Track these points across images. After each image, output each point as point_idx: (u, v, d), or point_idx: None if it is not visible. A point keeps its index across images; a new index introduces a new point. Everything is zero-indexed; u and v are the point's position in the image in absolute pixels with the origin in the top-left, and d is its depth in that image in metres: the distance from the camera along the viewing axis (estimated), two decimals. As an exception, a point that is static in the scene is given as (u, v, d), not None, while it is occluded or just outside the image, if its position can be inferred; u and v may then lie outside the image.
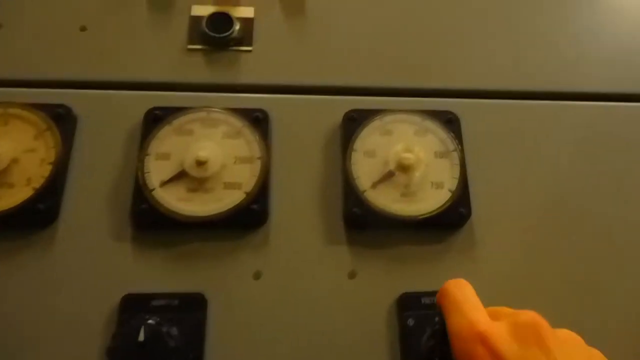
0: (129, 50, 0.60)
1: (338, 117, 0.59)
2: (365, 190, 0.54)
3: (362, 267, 0.53)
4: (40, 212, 0.50)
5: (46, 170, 0.51)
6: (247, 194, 0.53)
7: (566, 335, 0.39)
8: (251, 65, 0.61)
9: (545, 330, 0.36)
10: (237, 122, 0.56)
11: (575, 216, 0.57)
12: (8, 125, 0.53)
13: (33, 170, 0.51)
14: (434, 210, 0.54)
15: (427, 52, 0.64)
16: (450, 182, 0.56)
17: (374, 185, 0.55)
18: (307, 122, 0.59)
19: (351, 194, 0.54)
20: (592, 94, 0.64)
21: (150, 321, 0.44)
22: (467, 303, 0.39)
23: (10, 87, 0.56)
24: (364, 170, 0.55)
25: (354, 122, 0.58)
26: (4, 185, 0.51)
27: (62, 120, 0.54)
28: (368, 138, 0.57)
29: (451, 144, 0.57)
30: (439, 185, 0.56)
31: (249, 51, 0.61)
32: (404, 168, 0.55)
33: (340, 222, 0.55)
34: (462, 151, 0.57)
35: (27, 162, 0.52)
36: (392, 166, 0.56)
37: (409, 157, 0.55)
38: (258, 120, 0.56)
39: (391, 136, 0.58)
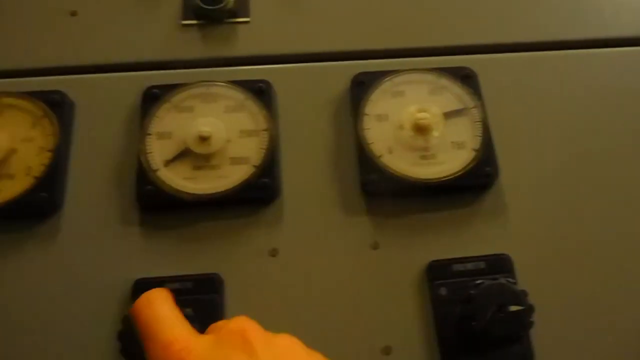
0: (122, 32, 0.57)
1: (345, 83, 0.55)
2: (381, 156, 0.51)
3: (385, 236, 0.50)
4: (43, 201, 0.48)
5: (46, 158, 0.49)
6: (256, 167, 0.50)
7: (284, 340, 0.35)
8: (249, 36, 0.57)
9: (252, 333, 0.34)
10: (238, 95, 0.53)
11: (603, 169, 0.53)
12: (3, 115, 0.51)
13: (33, 160, 0.49)
14: (457, 172, 0.51)
15: (433, 9, 0.60)
16: (472, 141, 0.52)
17: (390, 149, 0.52)
18: (312, 90, 0.55)
19: (367, 161, 0.51)
20: (615, 39, 0.60)
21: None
22: (160, 323, 0.34)
23: (3, 78, 0.54)
24: (378, 135, 0.52)
25: (362, 86, 0.54)
26: (4, 176, 0.49)
27: (59, 107, 0.51)
28: (379, 101, 0.53)
29: (470, 101, 0.54)
30: (460, 145, 0.52)
31: (247, 22, 0.58)
32: (421, 129, 0.52)
33: (357, 191, 0.51)
34: (483, 107, 0.54)
35: (25, 151, 0.50)
36: (407, 128, 0.52)
37: (425, 116, 0.52)
38: (261, 92, 0.53)
39: (403, 97, 0.54)
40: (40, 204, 0.48)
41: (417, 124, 0.52)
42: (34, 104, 0.51)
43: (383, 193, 0.51)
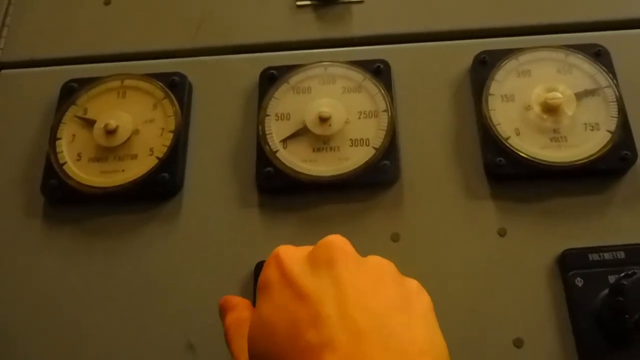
0: (237, 14, 0.57)
1: (465, 62, 0.53)
2: (508, 137, 0.48)
3: (513, 223, 0.47)
4: (165, 182, 0.48)
5: (167, 139, 0.50)
6: (377, 149, 0.48)
7: (373, 262, 0.32)
8: (365, 16, 0.56)
9: (338, 252, 0.31)
10: (357, 76, 0.52)
11: None
12: (126, 97, 0.52)
13: (155, 140, 0.50)
14: (591, 155, 0.47)
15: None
16: (607, 122, 0.48)
17: (517, 130, 0.49)
18: (431, 70, 0.53)
19: (492, 143, 0.48)
20: None
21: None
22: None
23: (124, 61, 0.55)
24: (504, 115, 0.49)
25: (485, 65, 0.51)
26: (128, 156, 0.49)
27: (178, 88, 0.52)
28: (504, 81, 0.51)
29: (604, 79, 0.50)
30: (594, 127, 0.49)
31: (360, 2, 0.57)
32: (551, 110, 0.49)
33: (481, 174, 0.49)
34: (617, 86, 0.49)
35: (147, 132, 0.50)
36: (536, 109, 0.49)
37: (555, 96, 0.49)
38: (379, 72, 0.52)
39: (530, 77, 0.51)
40: (162, 185, 0.48)
41: (547, 104, 0.48)
42: (155, 86, 0.52)
43: (509, 177, 0.48)
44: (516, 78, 0.51)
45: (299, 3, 0.57)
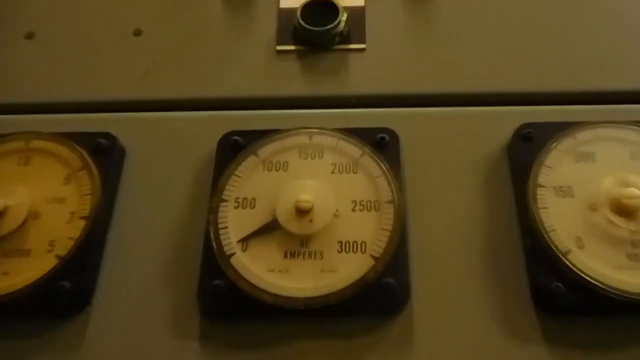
0: (196, 58, 0.43)
1: (501, 137, 0.39)
2: (568, 252, 0.33)
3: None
4: (66, 293, 0.33)
5: (77, 229, 0.35)
6: (377, 259, 0.33)
7: None
8: (367, 68, 0.43)
9: None
10: (352, 149, 0.37)
11: None
12: (30, 164, 0.38)
13: (59, 230, 0.35)
14: (688, 284, 0.32)
15: (614, 41, 0.43)
16: None
17: (579, 241, 0.34)
18: (455, 145, 0.39)
19: (544, 258, 0.34)
20: None
21: None
22: None
23: (35, 114, 0.41)
24: (561, 218, 0.35)
25: (531, 143, 0.38)
26: (17, 252, 0.34)
27: (104, 156, 0.38)
28: (558, 167, 0.36)
29: (701, 172, 0.36)
30: (691, 240, 0.34)
31: (362, 50, 0.43)
32: (629, 213, 0.34)
33: (527, 302, 0.34)
34: None
35: (51, 216, 0.35)
36: (605, 210, 0.35)
37: (635, 194, 0.34)
38: (383, 145, 0.38)
39: (594, 163, 0.37)
40: (61, 297, 0.33)
41: (622, 205, 0.34)
42: (72, 151, 0.37)
43: (570, 309, 0.33)
44: (574, 164, 0.37)
45: (279, 48, 0.43)
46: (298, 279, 0.33)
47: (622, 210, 0.34)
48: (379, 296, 0.33)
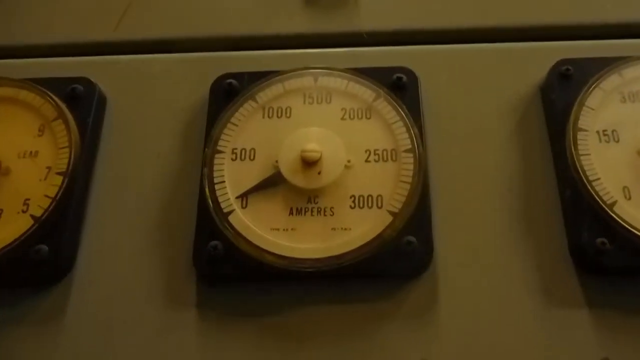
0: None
1: (534, 75, 0.35)
2: (613, 203, 0.29)
3: (622, 351, 0.28)
4: (44, 258, 0.29)
5: (54, 186, 0.31)
6: (395, 215, 0.29)
7: None
8: (377, 1, 0.37)
9: None
10: (365, 92, 0.33)
11: None
12: (-2, 115, 0.33)
13: (33, 187, 0.31)
14: None
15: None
16: None
17: (626, 191, 0.30)
18: (482, 85, 0.35)
19: (586, 211, 0.29)
20: None
21: None
22: None
23: (2, 59, 0.36)
24: (606, 165, 0.30)
25: (570, 82, 0.33)
26: (-13, 213, 0.31)
27: (81, 104, 0.33)
28: (603, 108, 0.32)
29: None
30: None
31: (373, -19, 0.38)
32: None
33: (566, 262, 0.30)
34: None
35: (23, 173, 0.32)
36: (651, 156, 0.30)
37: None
38: (401, 87, 0.33)
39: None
40: (39, 263, 0.29)
41: (677, 150, 0.30)
42: (45, 99, 0.33)
43: (618, 269, 0.29)
44: (620, 104, 0.32)
45: (279, -21, 0.38)
46: (305, 238, 0.30)
47: (678, 155, 0.30)
48: (399, 256, 0.29)
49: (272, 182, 0.31)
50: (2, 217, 0.30)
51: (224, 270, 0.29)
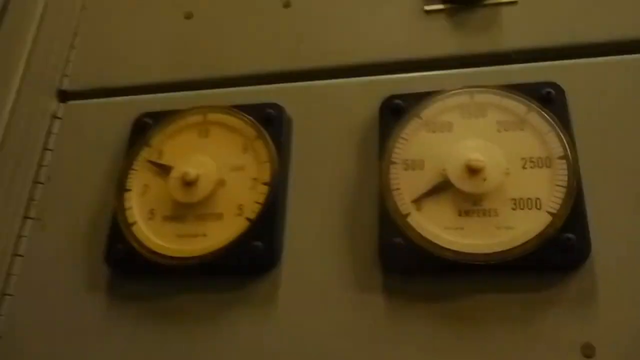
0: (347, 25, 0.44)
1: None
2: None
3: None
4: (259, 252, 0.37)
5: (261, 194, 0.38)
6: (554, 215, 0.34)
7: None
8: (522, 22, 0.41)
9: None
10: (517, 106, 0.37)
11: None
12: (209, 136, 0.41)
13: (244, 195, 0.38)
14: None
15: None
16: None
17: None
18: (621, 96, 0.37)
19: None
20: None
21: None
22: None
23: (207, 89, 0.44)
24: None
25: None
26: (210, 216, 0.38)
27: (275, 125, 0.40)
28: None
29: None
30: None
31: (513, 3, 0.42)
32: None
33: None
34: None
35: (235, 184, 0.39)
36: None
37: None
38: (550, 100, 0.37)
39: None
40: (254, 256, 0.37)
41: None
42: (246, 122, 0.40)
43: None
44: None
45: (427, 8, 0.43)
46: (474, 236, 0.35)
47: None
48: (558, 252, 0.33)
49: (442, 188, 0.36)
50: (223, 219, 0.38)
51: (406, 263, 0.35)
